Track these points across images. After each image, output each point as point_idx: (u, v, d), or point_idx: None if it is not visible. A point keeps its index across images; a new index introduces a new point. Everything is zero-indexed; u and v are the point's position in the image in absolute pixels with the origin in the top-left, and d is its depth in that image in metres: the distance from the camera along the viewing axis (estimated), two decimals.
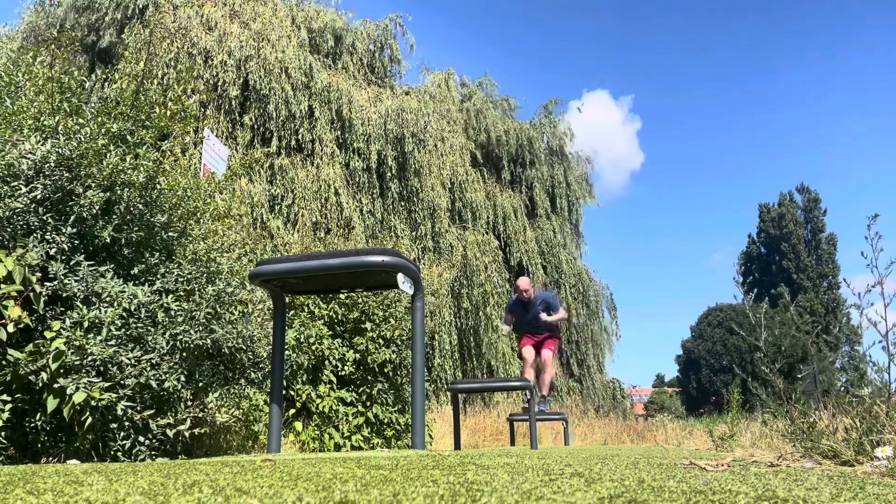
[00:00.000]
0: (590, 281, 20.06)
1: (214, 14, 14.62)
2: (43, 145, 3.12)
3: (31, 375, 2.78)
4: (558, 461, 2.11)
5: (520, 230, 18.23)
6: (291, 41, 15.16)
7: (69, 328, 2.91)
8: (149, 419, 3.04)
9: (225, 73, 13.79)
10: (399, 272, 2.65)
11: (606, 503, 1.02)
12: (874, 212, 2.56)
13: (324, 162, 14.49)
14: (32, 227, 3.06)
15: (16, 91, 3.54)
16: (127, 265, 3.47)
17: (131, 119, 3.79)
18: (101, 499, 1.05)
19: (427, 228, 15.70)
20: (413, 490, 1.12)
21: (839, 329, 45.65)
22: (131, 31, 14.02)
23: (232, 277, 3.71)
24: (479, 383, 5.64)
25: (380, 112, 15.73)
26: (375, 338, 5.81)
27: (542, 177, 19.57)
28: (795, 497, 1.14)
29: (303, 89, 14.66)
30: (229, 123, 13.97)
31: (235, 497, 1.06)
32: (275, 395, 2.82)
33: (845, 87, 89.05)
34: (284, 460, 1.99)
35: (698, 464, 2.00)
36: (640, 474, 1.53)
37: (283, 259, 2.78)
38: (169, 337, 3.18)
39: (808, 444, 2.45)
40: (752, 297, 3.10)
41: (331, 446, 5.30)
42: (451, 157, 16.84)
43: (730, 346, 46.03)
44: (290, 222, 13.65)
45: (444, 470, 1.51)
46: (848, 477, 1.69)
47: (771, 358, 2.94)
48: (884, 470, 1.87)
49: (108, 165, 3.25)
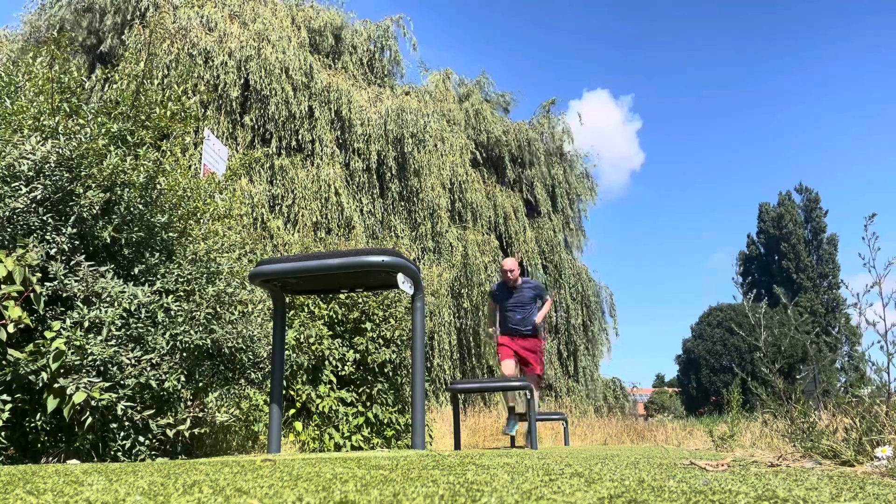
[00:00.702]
0: (589, 281, 20.07)
1: (215, 15, 14.62)
2: (43, 145, 3.12)
3: (32, 375, 2.78)
4: (558, 461, 2.11)
5: (520, 230, 18.24)
6: (291, 41, 15.16)
7: (69, 328, 2.91)
8: (149, 419, 3.04)
9: (226, 74, 13.80)
10: (399, 272, 2.65)
11: (606, 503, 1.02)
12: (875, 211, 2.56)
13: (324, 162, 14.50)
14: (33, 227, 3.06)
15: (15, 91, 3.54)
16: (127, 265, 3.47)
17: (131, 119, 3.79)
18: (101, 499, 1.05)
19: (427, 228, 15.71)
20: (413, 490, 1.12)
21: (838, 330, 45.66)
22: (131, 32, 14.02)
23: (232, 278, 3.71)
24: (479, 383, 5.64)
25: (380, 112, 15.73)
26: (375, 338, 5.81)
27: (542, 176, 19.58)
28: (795, 497, 1.14)
29: (303, 89, 14.67)
30: (230, 124, 13.97)
31: (235, 497, 1.06)
32: (275, 395, 2.82)
33: (845, 87, 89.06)
34: (284, 460, 1.99)
35: (698, 464, 2.00)
36: (640, 474, 1.53)
37: (283, 259, 2.78)
38: (169, 337, 3.18)
39: (808, 444, 2.45)
40: (751, 298, 3.10)
41: (331, 446, 5.30)
42: (452, 157, 16.84)
43: (730, 345, 46.05)
44: (290, 222, 13.66)
45: (444, 470, 1.51)
46: (848, 477, 1.69)
47: (771, 358, 2.94)
48: (884, 470, 1.87)
49: (109, 166, 3.25)
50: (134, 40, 13.54)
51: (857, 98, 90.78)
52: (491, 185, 18.63)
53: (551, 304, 6.51)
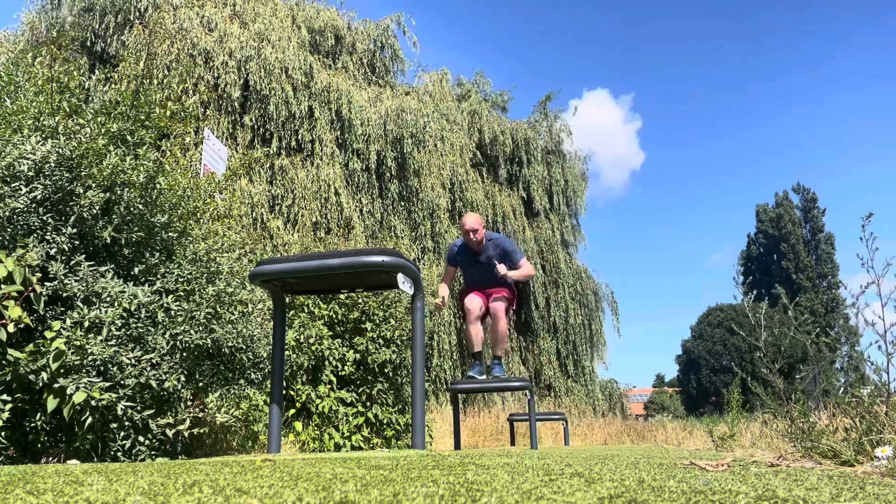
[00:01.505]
0: (588, 279, 20.06)
1: (215, 15, 14.61)
2: (43, 145, 3.12)
3: (32, 375, 2.78)
4: (558, 461, 2.11)
5: (518, 229, 18.25)
6: (291, 41, 15.16)
7: (69, 328, 2.92)
8: (149, 419, 3.04)
9: (226, 74, 13.80)
10: (399, 272, 2.65)
11: (606, 503, 1.02)
12: (872, 210, 2.56)
13: (324, 162, 14.50)
14: (33, 227, 3.07)
15: (15, 91, 3.54)
16: (127, 265, 3.47)
17: (131, 119, 3.79)
18: (101, 499, 1.05)
19: (427, 228, 15.71)
20: (413, 490, 1.12)
21: (838, 331, 45.66)
22: (131, 32, 14.02)
23: (232, 277, 3.71)
24: (478, 383, 5.63)
25: (380, 112, 15.73)
26: (375, 338, 5.81)
27: (539, 175, 19.57)
28: (795, 497, 1.15)
29: (303, 89, 14.67)
30: (230, 124, 13.98)
31: (235, 497, 1.06)
32: (275, 395, 2.82)
33: (844, 86, 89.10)
34: (284, 460, 1.99)
35: (698, 464, 2.00)
36: (640, 474, 1.54)
37: (283, 259, 2.78)
38: (169, 337, 3.18)
39: (808, 444, 2.45)
40: (751, 298, 3.10)
41: (331, 446, 5.30)
42: (451, 156, 16.85)
43: (730, 346, 46.05)
44: (289, 222, 13.66)
45: (444, 470, 1.51)
46: (848, 477, 1.69)
47: (771, 358, 2.94)
48: (884, 470, 1.87)
49: (108, 165, 3.25)
50: (134, 41, 13.54)
51: (857, 98, 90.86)
52: (490, 185, 18.64)
53: (532, 269, 5.12)
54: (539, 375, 17.68)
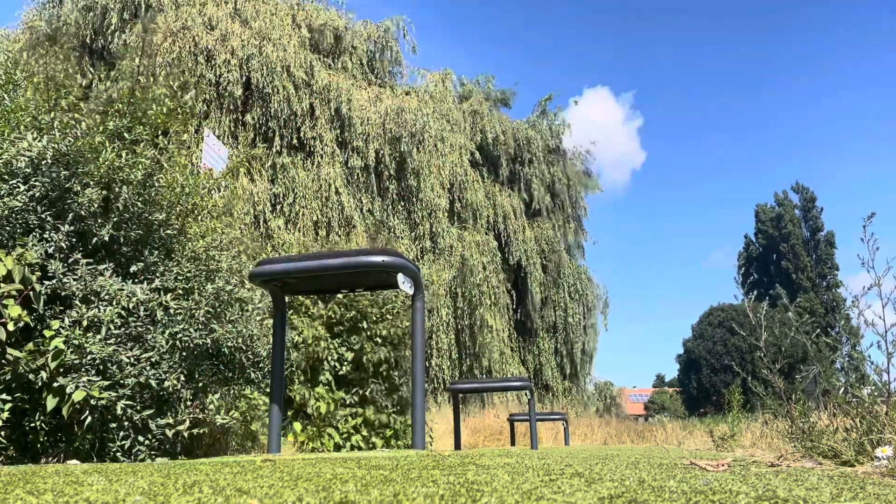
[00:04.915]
0: (588, 282, 20.04)
1: (216, 13, 14.61)
2: (39, 141, 3.11)
3: (31, 374, 2.77)
4: (558, 461, 2.11)
5: (519, 229, 18.23)
6: (292, 40, 15.16)
7: (68, 327, 2.91)
8: (148, 419, 3.04)
9: (228, 73, 13.79)
10: (399, 272, 2.64)
11: (607, 503, 1.02)
12: (871, 209, 2.55)
13: (324, 161, 14.50)
14: (31, 225, 3.06)
15: (14, 88, 3.53)
16: (125, 263, 3.46)
17: (128, 116, 3.78)
18: (101, 499, 1.05)
19: (426, 228, 15.71)
20: (413, 490, 1.12)
21: (839, 331, 45.63)
22: (133, 31, 14.02)
23: (231, 276, 3.71)
24: (478, 383, 5.63)
25: (379, 112, 15.73)
26: (371, 336, 5.79)
27: (540, 174, 19.57)
28: (796, 497, 1.14)
29: (304, 87, 14.67)
30: (231, 123, 13.98)
31: (235, 497, 1.05)
32: (275, 395, 2.82)
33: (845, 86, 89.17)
34: (284, 460, 1.98)
35: (698, 464, 2.00)
36: (641, 474, 1.53)
37: (283, 259, 2.77)
38: (168, 336, 3.17)
39: (809, 444, 2.45)
40: (752, 298, 3.09)
41: (330, 447, 5.30)
42: (451, 156, 16.84)
43: (730, 345, 46.02)
44: (290, 221, 13.66)
45: (444, 470, 1.50)
46: (848, 477, 1.69)
47: (771, 358, 2.93)
48: (884, 470, 1.87)
49: (105, 162, 3.24)
50: (135, 39, 13.54)
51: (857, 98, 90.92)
52: (490, 185, 18.63)
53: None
54: (538, 375, 17.70)
